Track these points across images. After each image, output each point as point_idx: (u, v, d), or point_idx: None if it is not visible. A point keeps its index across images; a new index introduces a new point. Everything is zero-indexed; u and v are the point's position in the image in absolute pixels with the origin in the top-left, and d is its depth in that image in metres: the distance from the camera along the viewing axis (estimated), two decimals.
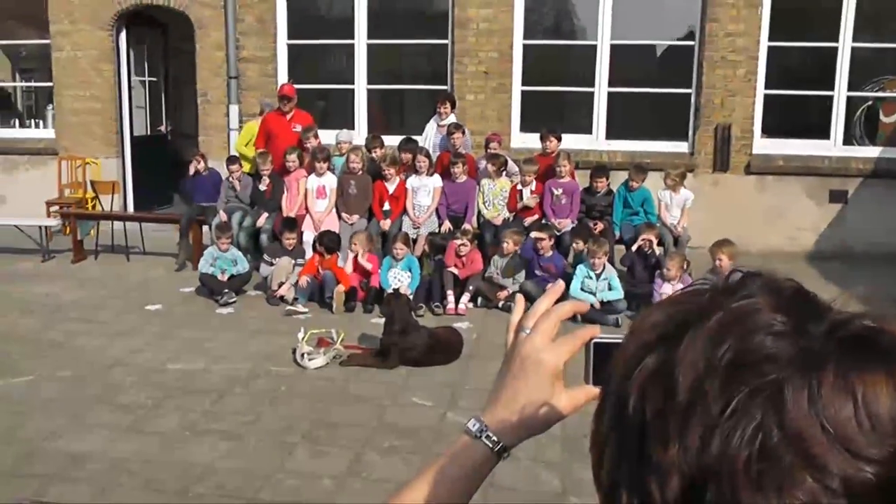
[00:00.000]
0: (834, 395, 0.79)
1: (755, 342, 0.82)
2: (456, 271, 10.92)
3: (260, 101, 14.25)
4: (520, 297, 1.44)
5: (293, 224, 11.74)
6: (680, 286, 9.78)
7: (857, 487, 0.77)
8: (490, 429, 1.28)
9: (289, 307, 10.55)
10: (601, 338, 1.26)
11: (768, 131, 13.96)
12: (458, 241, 11.01)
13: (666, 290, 9.92)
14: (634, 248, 10.99)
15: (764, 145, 13.90)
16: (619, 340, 1.24)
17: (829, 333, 0.83)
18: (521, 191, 12.12)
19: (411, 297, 10.31)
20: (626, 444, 0.87)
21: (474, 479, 1.29)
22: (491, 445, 1.28)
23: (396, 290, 9.98)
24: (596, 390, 1.25)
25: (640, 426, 0.85)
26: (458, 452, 1.29)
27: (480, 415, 1.30)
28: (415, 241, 11.80)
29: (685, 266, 10.29)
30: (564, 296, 1.42)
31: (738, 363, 0.82)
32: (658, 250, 11.25)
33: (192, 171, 13.31)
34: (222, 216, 12.38)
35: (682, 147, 14.09)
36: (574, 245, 11.09)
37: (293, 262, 11.24)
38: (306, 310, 10.56)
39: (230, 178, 12.81)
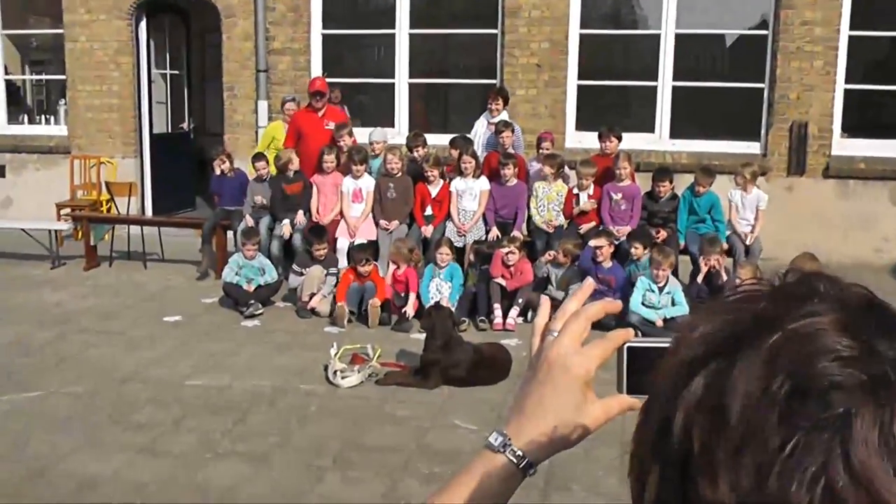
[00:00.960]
0: None
1: (818, 369, 0.79)
2: (503, 282, 10.87)
3: (283, 97, 14.28)
4: (545, 299, 1.41)
5: (322, 232, 11.71)
6: None
7: None
8: (514, 442, 1.25)
9: (344, 321, 10.56)
10: (636, 341, 1.24)
11: (849, 130, 13.80)
12: (506, 249, 10.93)
13: None
14: (700, 277, 10.81)
15: (844, 146, 13.73)
16: (656, 344, 1.22)
17: None
18: (577, 195, 12.06)
19: (454, 308, 10.28)
20: (667, 475, 0.84)
21: (497, 498, 1.25)
22: (515, 461, 1.24)
23: (438, 303, 9.95)
24: (630, 400, 1.25)
25: (685, 457, 0.82)
26: (479, 469, 1.25)
27: (503, 427, 1.27)
28: (460, 249, 11.76)
29: (758, 277, 10.15)
30: (624, 311, 1.39)
31: (798, 393, 0.78)
32: (727, 261, 11.15)
33: (216, 171, 13.35)
34: (248, 221, 12.40)
35: (753, 147, 13.96)
36: (633, 250, 10.96)
37: (325, 271, 11.24)
38: (345, 324, 10.57)
39: (258, 177, 12.84)
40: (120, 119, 15.88)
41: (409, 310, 10.65)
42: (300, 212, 12.42)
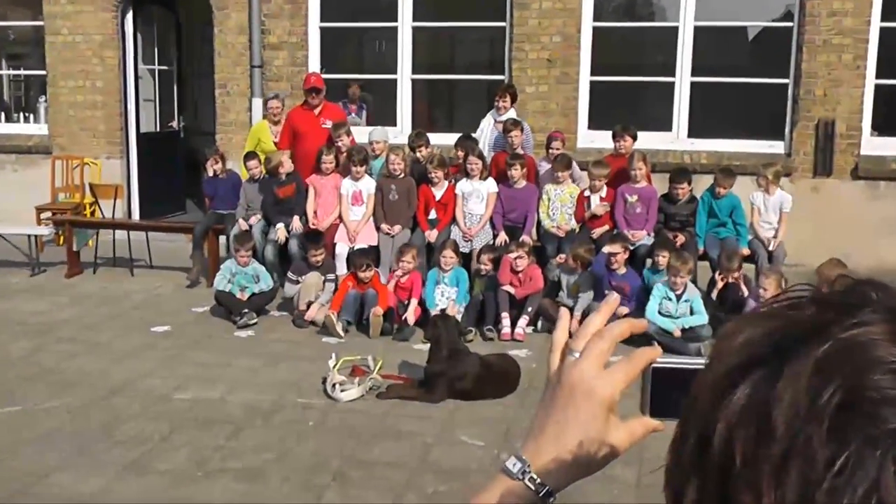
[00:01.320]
0: None
1: (870, 381, 0.78)
2: (512, 290, 10.89)
3: (265, 95, 14.28)
4: (564, 312, 1.42)
5: (319, 237, 11.73)
6: None
7: None
8: (533, 468, 1.24)
9: (337, 329, 10.56)
10: (662, 362, 1.25)
11: (879, 128, 13.80)
12: (514, 255, 10.96)
13: None
14: (715, 293, 10.78)
15: (875, 145, 13.74)
16: (683, 365, 1.23)
17: None
18: (589, 197, 12.07)
19: (460, 316, 10.30)
20: (707, 490, 0.84)
21: None
22: (534, 488, 1.23)
23: (444, 311, 9.97)
24: (655, 423, 1.25)
25: (726, 471, 0.82)
26: (495, 495, 1.24)
27: (521, 451, 1.27)
28: (466, 255, 11.79)
29: (783, 286, 10.15)
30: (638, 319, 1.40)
31: (849, 407, 0.77)
32: (747, 268, 11.16)
33: (208, 173, 13.37)
34: (242, 225, 12.43)
35: (777, 147, 13.97)
36: (660, 259, 10.88)
37: (323, 277, 11.27)
38: (342, 334, 10.59)
39: (250, 178, 12.88)
40: (105, 117, 15.91)
41: (410, 316, 10.68)
42: (296, 217, 12.43)
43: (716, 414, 0.84)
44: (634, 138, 12.49)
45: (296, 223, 12.39)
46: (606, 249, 10.98)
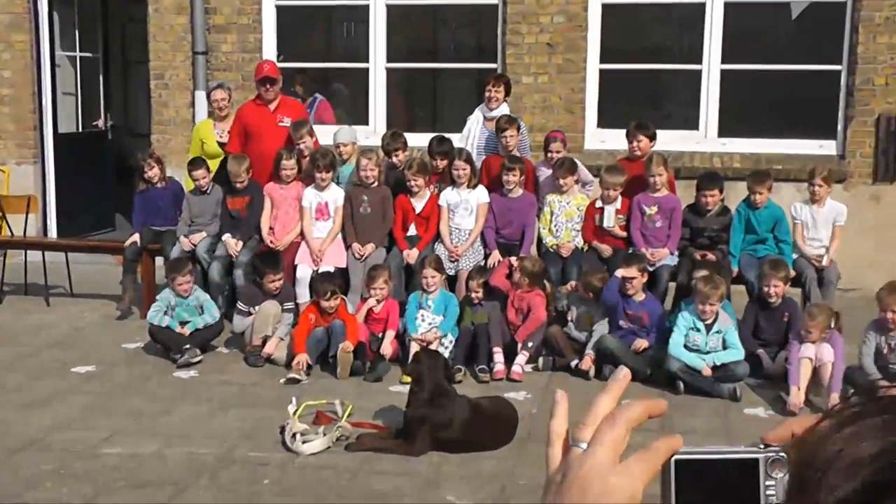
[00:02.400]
0: None
1: None
2: (509, 314, 10.94)
3: (209, 85, 14.29)
4: (562, 396, 1.37)
5: (276, 260, 11.61)
6: (827, 349, 9.75)
7: None
8: None
9: (290, 375, 10.52)
10: (686, 453, 1.25)
11: None
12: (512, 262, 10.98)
13: (807, 353, 9.81)
14: (750, 326, 10.81)
15: None
16: (712, 456, 1.24)
17: None
18: (601, 209, 12.06)
19: (447, 350, 10.33)
20: None
21: None
22: None
23: (428, 345, 9.98)
24: None
25: None
26: None
27: None
28: (451, 277, 11.80)
29: (833, 320, 10.12)
30: (661, 356, 1.39)
31: None
32: (793, 293, 11.16)
33: (139, 186, 13.30)
34: (184, 243, 12.42)
35: (828, 147, 14.03)
36: (699, 283, 10.51)
37: (280, 307, 11.24)
38: (303, 376, 10.57)
39: (196, 189, 12.85)
40: (14, 115, 15.91)
41: (386, 348, 10.70)
42: (237, 241, 12.39)
43: None
44: (652, 138, 12.41)
45: (227, 241, 12.36)
46: (620, 273, 10.90)
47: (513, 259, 11.11)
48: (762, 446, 1.22)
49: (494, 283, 11.05)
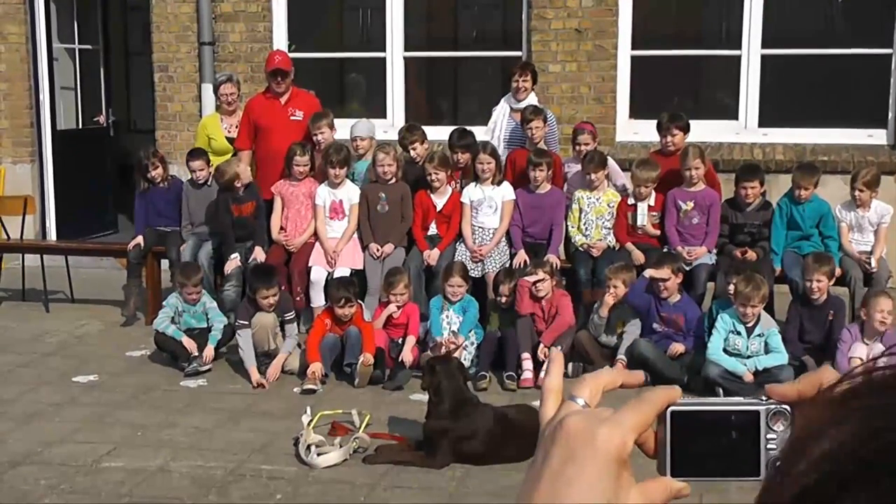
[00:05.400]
0: None
1: None
2: (534, 328, 10.90)
3: (216, 77, 14.29)
4: (557, 353, 1.39)
5: (270, 275, 11.32)
6: (880, 348, 9.71)
7: None
8: None
9: (305, 386, 10.50)
10: (683, 404, 1.25)
11: None
12: (534, 278, 10.93)
13: (858, 352, 9.79)
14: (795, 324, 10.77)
15: None
16: (711, 407, 1.24)
17: None
18: (634, 206, 12.03)
19: (467, 353, 10.31)
20: None
21: None
22: None
23: (442, 354, 9.95)
24: (678, 485, 1.24)
25: None
26: None
27: None
28: (477, 279, 11.80)
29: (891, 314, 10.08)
30: (699, 361, 1.40)
31: None
32: (840, 293, 11.13)
33: (141, 184, 13.32)
34: (230, 265, 12.32)
35: (878, 137, 13.99)
36: (732, 287, 10.54)
37: (280, 318, 11.14)
38: (319, 385, 10.58)
39: (193, 181, 12.89)
40: (9, 111, 15.96)
41: (407, 355, 10.71)
42: (258, 248, 12.36)
43: None
44: (686, 130, 12.36)
45: (258, 254, 12.31)
46: (649, 274, 10.88)
47: (528, 279, 10.95)
48: (764, 398, 1.22)
49: (524, 311, 10.93)
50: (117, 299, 13.17)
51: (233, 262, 12.30)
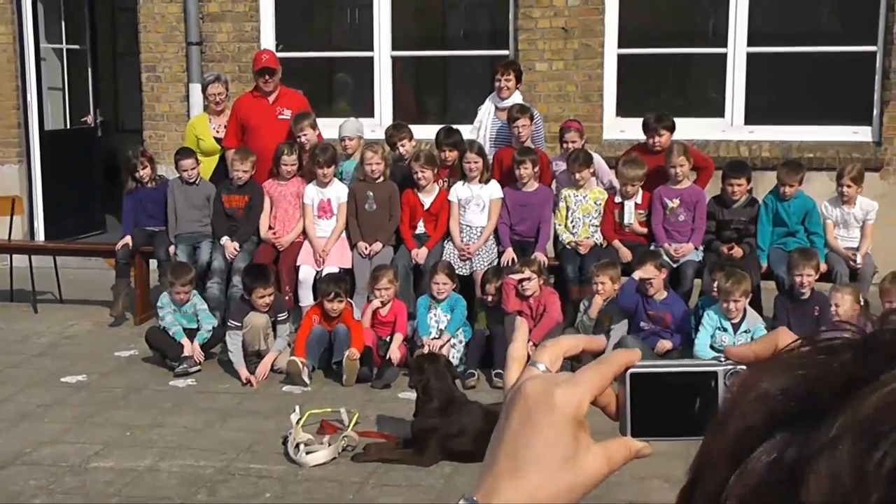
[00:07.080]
0: None
1: None
2: (521, 322, 10.86)
3: (204, 77, 14.28)
4: (521, 321, 1.42)
5: (265, 274, 11.35)
6: None
7: None
8: None
9: (303, 377, 10.52)
10: (642, 366, 1.27)
11: None
12: (520, 276, 10.94)
13: None
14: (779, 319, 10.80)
15: None
16: (670, 369, 1.27)
17: None
18: (621, 204, 12.05)
19: (455, 351, 10.32)
20: None
21: None
22: None
23: (430, 352, 9.96)
24: (638, 445, 1.26)
25: None
26: None
27: (474, 493, 1.23)
28: (465, 278, 11.81)
29: (860, 304, 10.10)
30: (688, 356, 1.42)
31: None
32: (824, 288, 11.15)
33: (129, 185, 13.29)
34: (228, 248, 12.35)
35: (863, 134, 14.00)
36: (720, 280, 10.56)
37: (272, 318, 11.13)
38: (307, 382, 10.59)
39: (183, 178, 12.84)
40: None
41: (394, 352, 10.73)
42: (226, 239, 12.39)
43: (725, 486, 0.84)
44: (672, 129, 12.36)
45: (227, 245, 12.33)
46: (637, 275, 10.90)
47: (514, 277, 10.93)
48: (723, 358, 1.24)
49: (511, 310, 10.91)
50: (106, 299, 13.15)
51: (226, 243, 12.34)
